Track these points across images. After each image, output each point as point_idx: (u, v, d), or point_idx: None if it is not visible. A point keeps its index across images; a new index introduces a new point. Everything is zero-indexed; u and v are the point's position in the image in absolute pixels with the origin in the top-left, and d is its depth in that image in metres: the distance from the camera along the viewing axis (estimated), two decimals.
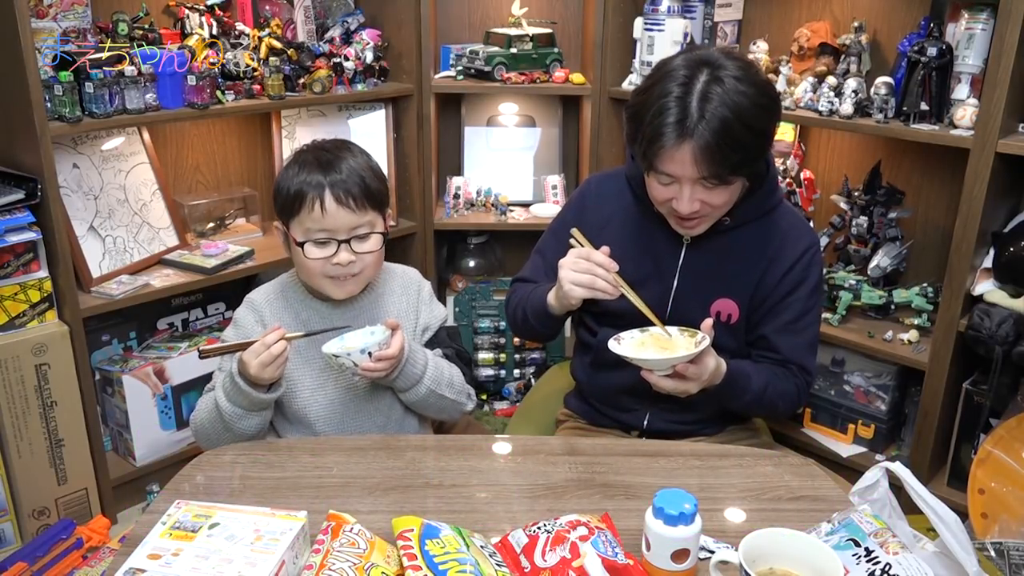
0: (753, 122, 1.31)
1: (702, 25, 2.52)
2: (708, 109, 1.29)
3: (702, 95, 1.30)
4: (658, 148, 1.32)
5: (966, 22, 2.03)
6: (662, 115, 1.31)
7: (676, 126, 1.30)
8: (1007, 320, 1.96)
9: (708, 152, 1.30)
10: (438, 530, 1.06)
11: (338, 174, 1.41)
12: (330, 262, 1.42)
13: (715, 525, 1.20)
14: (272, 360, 1.33)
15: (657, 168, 1.36)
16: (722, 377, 1.42)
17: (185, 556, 1.00)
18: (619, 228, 1.56)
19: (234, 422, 1.39)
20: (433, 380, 1.46)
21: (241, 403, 1.38)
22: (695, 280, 1.52)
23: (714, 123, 1.28)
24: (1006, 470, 1.93)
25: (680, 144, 1.30)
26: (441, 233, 2.81)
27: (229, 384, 1.37)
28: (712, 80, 1.30)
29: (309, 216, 1.40)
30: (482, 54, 2.58)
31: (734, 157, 1.31)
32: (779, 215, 1.53)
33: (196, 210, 2.50)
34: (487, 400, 2.82)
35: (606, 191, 1.60)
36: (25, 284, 1.99)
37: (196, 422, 1.46)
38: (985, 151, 1.91)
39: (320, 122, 2.66)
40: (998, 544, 1.52)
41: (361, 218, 1.42)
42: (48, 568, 1.95)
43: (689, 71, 1.32)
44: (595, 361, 1.62)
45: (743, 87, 1.30)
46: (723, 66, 1.32)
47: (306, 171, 1.42)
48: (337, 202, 1.39)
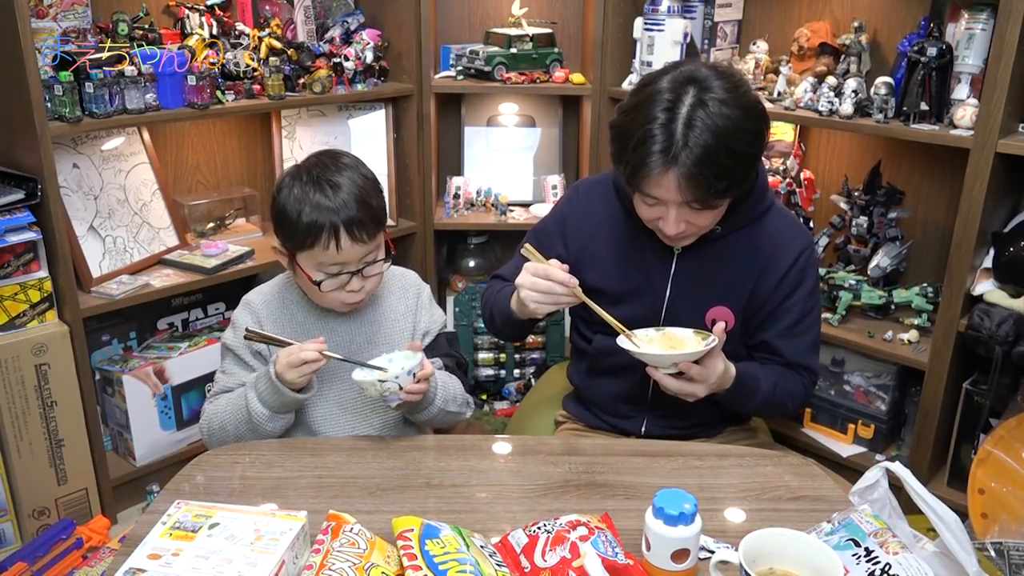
0: (738, 147, 1.29)
1: (702, 25, 2.51)
2: (692, 136, 1.27)
3: (687, 121, 1.27)
4: (643, 176, 1.31)
5: (966, 22, 2.03)
6: (646, 143, 1.28)
7: (661, 155, 1.28)
8: (1007, 320, 1.96)
9: (692, 180, 1.28)
10: (438, 530, 1.06)
11: (347, 200, 1.37)
12: (344, 291, 1.42)
13: (715, 525, 1.20)
14: (300, 363, 1.32)
15: (643, 191, 1.35)
16: (731, 381, 1.42)
17: (185, 556, 1.00)
18: (608, 239, 1.54)
19: (262, 423, 1.39)
20: (443, 400, 1.45)
21: (273, 404, 1.38)
22: (688, 289, 1.50)
23: (697, 150, 1.26)
24: (1006, 470, 1.93)
25: (665, 172, 1.29)
26: (441, 233, 2.81)
27: (264, 384, 1.37)
28: (697, 104, 1.28)
29: (323, 252, 1.37)
30: (482, 54, 2.58)
31: (718, 185, 1.29)
32: (771, 218, 1.51)
33: (196, 210, 2.50)
34: (487, 400, 2.82)
35: (593, 198, 1.58)
36: (25, 284, 1.99)
37: (212, 426, 1.45)
38: (985, 151, 1.91)
39: (320, 122, 2.66)
40: (998, 544, 1.52)
41: (371, 246, 1.41)
42: (48, 568, 1.95)
43: (674, 94, 1.29)
44: (592, 367, 1.62)
45: (728, 110, 1.28)
46: (709, 87, 1.29)
47: (312, 196, 1.37)
48: (352, 239, 1.37)
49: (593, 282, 1.52)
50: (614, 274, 1.52)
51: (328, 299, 1.43)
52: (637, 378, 1.52)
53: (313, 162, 1.44)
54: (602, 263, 1.53)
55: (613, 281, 1.52)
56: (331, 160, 1.44)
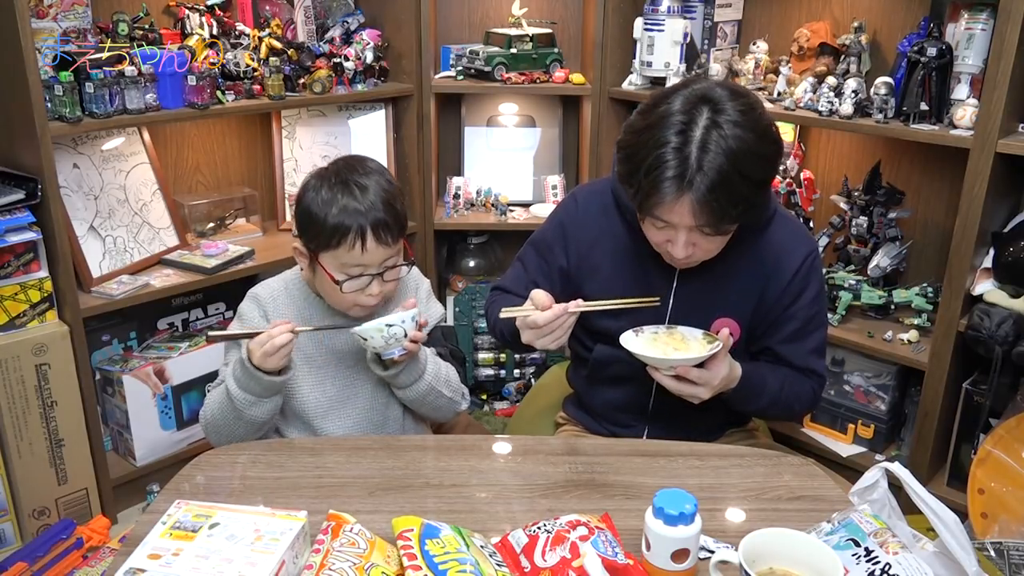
0: (752, 172, 1.25)
1: (702, 25, 2.51)
2: (706, 160, 1.23)
3: (701, 144, 1.23)
4: (656, 203, 1.28)
5: (966, 22, 2.03)
6: (660, 168, 1.24)
7: (675, 181, 1.23)
8: (1007, 320, 1.96)
9: (707, 206, 1.25)
10: (438, 530, 1.06)
11: (374, 203, 1.39)
12: (363, 294, 1.43)
13: (715, 525, 1.20)
14: (275, 350, 1.34)
15: (654, 215, 1.31)
16: (737, 381, 1.40)
17: (185, 556, 1.00)
18: (608, 251, 1.52)
19: (245, 409, 1.40)
20: (433, 376, 1.48)
21: (252, 389, 1.39)
22: (691, 302, 1.48)
23: (712, 175, 1.23)
24: (1006, 470, 1.93)
25: (679, 198, 1.25)
26: (441, 233, 2.81)
27: (239, 371, 1.38)
28: (711, 125, 1.23)
29: (348, 253, 1.39)
30: (482, 54, 2.58)
31: (732, 211, 1.26)
32: (775, 227, 1.49)
33: (196, 210, 2.50)
34: (487, 400, 2.82)
35: (592, 208, 1.55)
36: (25, 284, 1.99)
37: (206, 416, 1.47)
38: (985, 151, 1.91)
39: (320, 122, 2.66)
40: (998, 544, 1.52)
41: (393, 250, 1.43)
42: (48, 568, 1.95)
43: (687, 116, 1.25)
44: (591, 376, 1.60)
45: (742, 132, 1.23)
46: (723, 109, 1.24)
47: (341, 199, 1.39)
48: (377, 240, 1.39)
49: (593, 294, 1.51)
50: (615, 286, 1.50)
51: (346, 301, 1.45)
52: (638, 388, 1.51)
53: (341, 165, 1.46)
54: (602, 275, 1.52)
55: (613, 293, 1.49)
56: (358, 163, 1.46)
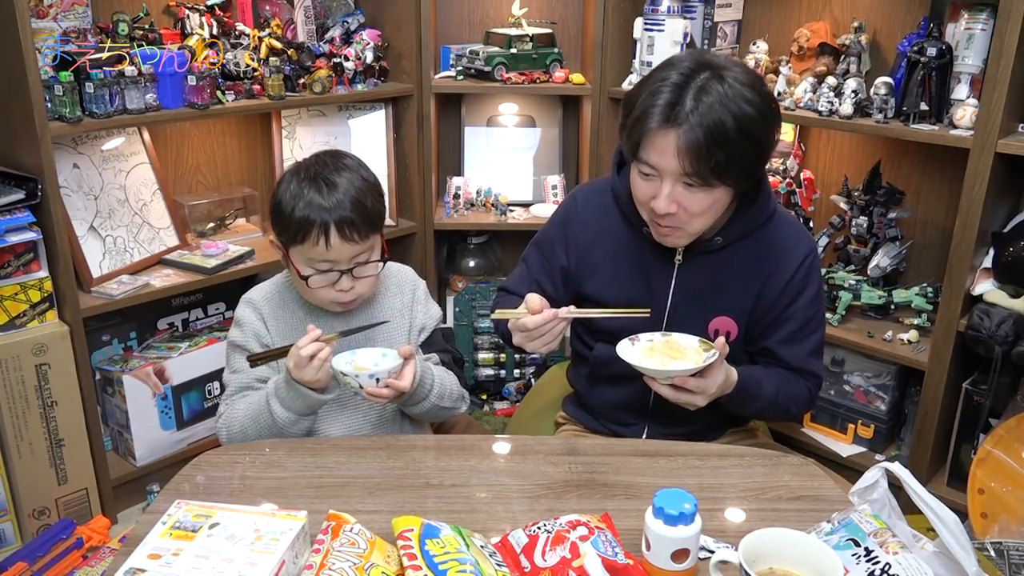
0: (748, 127, 1.27)
1: (702, 25, 2.51)
2: (704, 101, 1.25)
3: (700, 87, 1.27)
4: (644, 129, 1.29)
5: (966, 22, 2.03)
6: (654, 96, 1.28)
7: (665, 108, 1.27)
8: (1007, 320, 1.96)
9: (694, 147, 1.25)
10: (438, 530, 1.06)
11: (341, 200, 1.38)
12: (332, 289, 1.43)
13: (715, 525, 1.20)
14: (305, 363, 1.32)
15: (640, 156, 1.32)
16: (733, 386, 1.40)
17: (185, 556, 1.00)
18: (608, 249, 1.52)
19: (287, 427, 1.40)
20: (438, 395, 1.47)
21: (298, 408, 1.38)
22: (690, 300, 1.48)
23: (707, 117, 1.25)
24: (1006, 470, 1.93)
25: (667, 130, 1.27)
26: (441, 233, 2.81)
27: (285, 391, 1.37)
28: (714, 77, 1.28)
29: (313, 248, 1.39)
30: (482, 54, 2.58)
31: (720, 156, 1.26)
32: (774, 226, 1.48)
33: (196, 210, 2.50)
34: (487, 400, 2.82)
35: (592, 207, 1.55)
36: (25, 284, 1.99)
37: (233, 430, 1.44)
38: (985, 151, 1.91)
39: (320, 122, 2.66)
40: (998, 544, 1.52)
41: (363, 247, 1.42)
42: (48, 568, 1.95)
43: (694, 65, 1.30)
44: (592, 375, 1.60)
45: (745, 91, 1.28)
46: (728, 69, 1.29)
47: (307, 193, 1.39)
48: (342, 237, 1.38)
49: (592, 292, 1.51)
50: (614, 284, 1.50)
51: (318, 296, 1.44)
52: (638, 387, 1.51)
53: (314, 160, 1.46)
54: (601, 273, 1.52)
55: (613, 291, 1.50)
56: (332, 159, 1.45)
